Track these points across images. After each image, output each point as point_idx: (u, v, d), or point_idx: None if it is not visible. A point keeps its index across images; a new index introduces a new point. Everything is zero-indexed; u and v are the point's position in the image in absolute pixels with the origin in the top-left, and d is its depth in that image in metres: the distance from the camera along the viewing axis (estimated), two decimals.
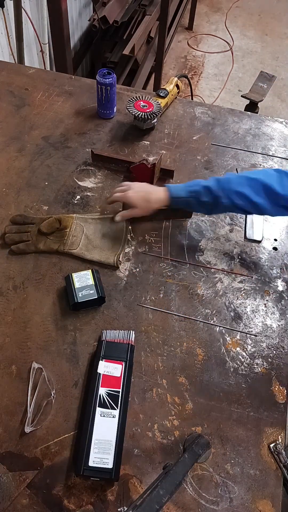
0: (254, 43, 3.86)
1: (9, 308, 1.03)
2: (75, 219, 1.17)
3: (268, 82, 2.07)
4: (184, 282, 1.11)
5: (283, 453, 0.86)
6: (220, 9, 4.21)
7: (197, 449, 0.75)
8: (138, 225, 1.21)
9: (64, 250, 1.11)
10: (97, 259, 1.11)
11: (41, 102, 1.51)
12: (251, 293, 1.10)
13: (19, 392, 0.91)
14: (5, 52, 2.14)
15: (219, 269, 1.13)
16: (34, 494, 0.81)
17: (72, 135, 1.42)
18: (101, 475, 0.80)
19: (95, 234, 1.15)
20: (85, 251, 1.11)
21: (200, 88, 3.41)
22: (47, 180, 1.29)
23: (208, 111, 1.54)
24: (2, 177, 1.29)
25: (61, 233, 1.14)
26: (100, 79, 1.36)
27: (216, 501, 0.82)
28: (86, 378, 0.94)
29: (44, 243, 1.11)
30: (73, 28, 2.72)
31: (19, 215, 1.17)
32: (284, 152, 1.43)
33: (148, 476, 0.84)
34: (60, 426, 0.88)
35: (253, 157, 1.41)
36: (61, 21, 2.01)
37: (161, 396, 0.93)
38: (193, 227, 1.22)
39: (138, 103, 1.38)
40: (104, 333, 0.98)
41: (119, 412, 0.86)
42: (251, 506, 0.82)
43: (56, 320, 1.02)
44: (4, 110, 1.48)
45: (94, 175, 1.32)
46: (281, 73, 3.52)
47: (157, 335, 1.02)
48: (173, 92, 1.50)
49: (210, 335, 1.02)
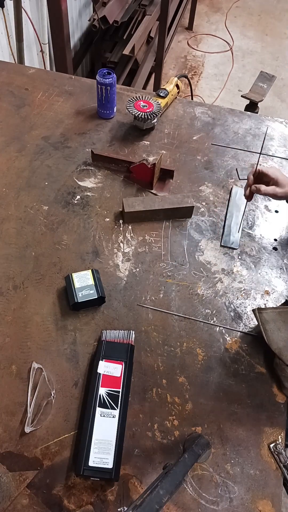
0: (254, 43, 3.85)
1: (9, 308, 1.03)
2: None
3: (268, 82, 2.07)
4: (184, 282, 1.11)
5: (283, 453, 0.86)
6: (220, 9, 4.21)
7: (197, 449, 0.75)
8: (138, 225, 1.21)
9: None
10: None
11: (41, 102, 1.51)
12: (251, 293, 1.10)
13: (19, 392, 0.91)
14: (5, 52, 2.14)
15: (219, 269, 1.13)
16: (34, 494, 0.81)
17: (72, 135, 1.42)
18: (101, 475, 0.80)
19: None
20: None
21: (200, 88, 3.41)
22: (47, 180, 1.29)
23: (208, 111, 1.54)
24: (2, 177, 1.29)
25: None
26: (100, 79, 1.36)
27: (216, 501, 0.82)
28: (86, 378, 0.94)
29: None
30: (73, 28, 2.72)
31: None
32: (284, 152, 1.43)
33: (148, 476, 0.84)
34: (60, 426, 0.88)
35: (253, 157, 1.41)
36: (61, 21, 2.02)
37: (161, 396, 0.93)
38: (193, 227, 1.22)
39: (138, 103, 1.38)
40: (104, 333, 0.98)
41: (119, 412, 0.86)
42: (251, 506, 0.82)
43: (56, 320, 1.02)
44: (4, 110, 1.48)
45: (94, 175, 1.32)
46: (281, 73, 3.51)
47: (157, 335, 1.01)
48: (173, 92, 1.50)
49: (210, 335, 1.02)
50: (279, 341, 0.91)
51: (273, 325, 0.93)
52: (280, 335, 0.92)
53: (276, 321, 0.93)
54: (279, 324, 0.93)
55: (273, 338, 0.92)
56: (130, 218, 1.20)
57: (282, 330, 0.92)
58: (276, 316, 0.93)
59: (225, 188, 1.32)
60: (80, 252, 1.14)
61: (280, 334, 0.92)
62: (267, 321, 0.93)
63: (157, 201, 1.21)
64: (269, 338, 0.92)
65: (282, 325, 0.92)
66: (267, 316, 0.94)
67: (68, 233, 1.18)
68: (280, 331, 0.92)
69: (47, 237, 1.17)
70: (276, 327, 0.93)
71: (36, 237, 1.17)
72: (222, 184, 1.33)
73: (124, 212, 1.18)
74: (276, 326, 0.93)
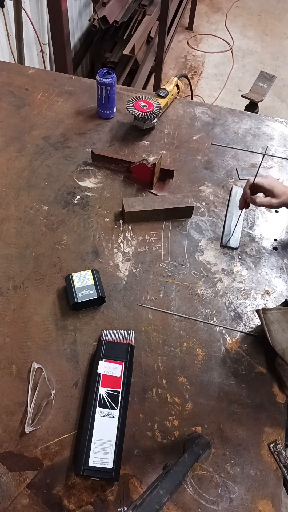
0: (254, 43, 3.86)
1: (9, 308, 1.03)
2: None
3: (268, 82, 2.07)
4: (184, 282, 1.11)
5: (283, 453, 0.86)
6: (220, 9, 4.21)
7: (197, 449, 0.75)
8: (138, 225, 1.21)
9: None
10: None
11: (41, 102, 1.51)
12: (251, 293, 1.10)
13: (19, 392, 0.91)
14: (5, 52, 2.14)
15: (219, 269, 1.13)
16: (34, 494, 0.81)
17: (72, 135, 1.42)
18: (101, 475, 0.80)
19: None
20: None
21: (200, 88, 3.41)
22: (47, 180, 1.29)
23: (208, 111, 1.54)
24: (2, 177, 1.29)
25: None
26: (100, 79, 1.36)
27: (216, 501, 0.82)
28: (86, 378, 0.94)
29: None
30: (73, 28, 2.72)
31: None
32: (284, 152, 1.43)
33: (148, 476, 0.84)
34: (60, 426, 0.88)
35: (253, 157, 1.41)
36: (61, 21, 2.02)
37: (161, 396, 0.93)
38: (193, 227, 1.22)
39: (138, 103, 1.38)
40: (104, 333, 0.98)
41: (119, 412, 0.86)
42: (251, 506, 0.82)
43: (56, 320, 1.02)
44: (4, 110, 1.48)
45: (94, 175, 1.32)
46: (281, 73, 3.51)
47: (157, 335, 1.01)
48: (173, 92, 1.50)
49: (210, 335, 1.02)
50: (283, 342, 0.92)
51: (277, 325, 0.93)
52: (285, 336, 0.92)
53: (280, 322, 0.93)
54: (283, 325, 0.93)
55: (277, 339, 0.92)
56: (130, 218, 1.20)
57: (286, 331, 0.92)
58: (281, 317, 0.93)
59: (225, 188, 1.32)
60: (80, 252, 1.14)
61: (285, 335, 0.92)
62: (272, 321, 0.93)
63: (157, 201, 1.21)
64: (273, 339, 0.92)
65: (286, 326, 0.93)
66: (272, 317, 0.94)
67: (68, 233, 1.18)
68: (284, 332, 0.92)
69: (47, 237, 1.17)
70: (280, 328, 0.93)
71: (36, 237, 1.17)
72: (222, 184, 1.33)
73: (124, 212, 1.18)
74: (281, 327, 0.93)
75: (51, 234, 1.17)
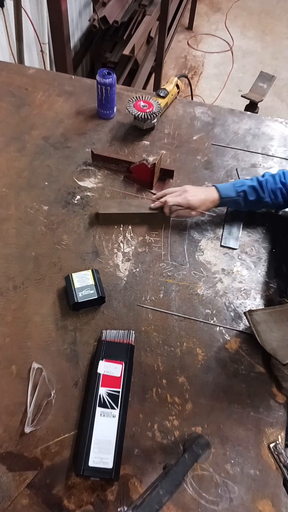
0: (254, 43, 3.86)
1: (9, 308, 1.03)
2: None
3: (268, 82, 2.07)
4: (184, 282, 1.11)
5: (283, 453, 0.86)
6: (220, 9, 4.21)
7: (197, 449, 0.75)
8: (138, 225, 1.21)
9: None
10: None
11: (41, 102, 1.51)
12: (251, 293, 1.10)
13: (19, 392, 0.91)
14: (5, 52, 2.14)
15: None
16: (34, 494, 0.81)
17: (72, 135, 1.42)
18: (101, 475, 0.80)
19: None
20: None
21: (200, 88, 3.41)
22: (47, 180, 1.29)
23: (208, 111, 1.54)
24: (2, 177, 1.29)
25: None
26: (100, 79, 1.36)
27: (216, 501, 0.82)
28: (86, 378, 0.94)
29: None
30: (73, 28, 2.72)
31: None
32: (284, 152, 1.43)
33: (148, 476, 0.84)
34: (60, 426, 0.88)
35: (253, 157, 1.41)
36: (61, 21, 2.01)
37: (161, 396, 0.93)
38: (193, 227, 1.22)
39: (138, 103, 1.38)
40: (104, 333, 0.98)
41: (119, 412, 0.86)
42: (251, 506, 0.82)
43: (56, 320, 1.02)
44: (4, 110, 1.48)
45: (94, 175, 1.32)
46: (281, 73, 3.51)
47: (157, 335, 1.01)
48: (173, 92, 1.50)
49: (210, 335, 1.02)
50: (272, 341, 0.91)
51: (264, 326, 0.93)
52: (273, 335, 0.92)
53: (267, 321, 0.93)
54: (270, 325, 0.93)
55: (266, 339, 0.92)
56: (104, 220, 1.19)
57: (274, 330, 0.92)
58: (267, 317, 0.93)
59: None
60: (80, 252, 1.14)
61: (273, 335, 0.92)
62: (259, 322, 0.93)
63: (134, 205, 1.20)
64: (262, 339, 0.92)
65: (273, 325, 0.92)
66: (258, 318, 0.94)
67: (68, 233, 1.18)
68: (272, 332, 0.92)
69: (47, 237, 1.17)
70: (268, 328, 0.93)
71: (36, 237, 1.17)
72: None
73: (98, 213, 1.18)
74: (268, 327, 0.93)
75: (51, 234, 1.17)
